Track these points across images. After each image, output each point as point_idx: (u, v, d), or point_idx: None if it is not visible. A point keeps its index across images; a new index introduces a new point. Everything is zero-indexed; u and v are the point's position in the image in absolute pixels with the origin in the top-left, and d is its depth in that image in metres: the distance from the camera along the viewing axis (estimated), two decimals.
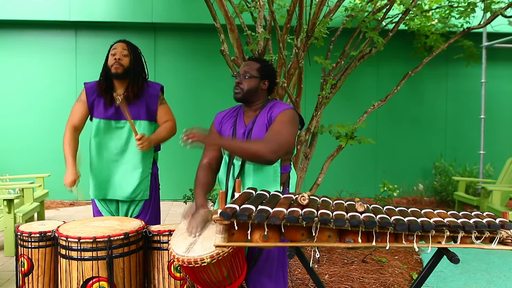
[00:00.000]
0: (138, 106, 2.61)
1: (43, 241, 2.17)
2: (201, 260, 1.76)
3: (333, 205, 1.70)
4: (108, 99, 2.60)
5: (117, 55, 2.56)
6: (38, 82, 6.67)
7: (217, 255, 1.76)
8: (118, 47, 2.60)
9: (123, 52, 2.57)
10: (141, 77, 2.65)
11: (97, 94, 2.62)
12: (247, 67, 2.23)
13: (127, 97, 2.59)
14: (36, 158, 6.57)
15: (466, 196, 5.83)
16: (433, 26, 5.82)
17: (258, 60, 2.28)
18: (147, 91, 2.65)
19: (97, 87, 2.64)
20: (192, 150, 6.11)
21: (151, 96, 2.65)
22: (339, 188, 6.16)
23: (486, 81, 6.71)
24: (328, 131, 3.73)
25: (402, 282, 3.35)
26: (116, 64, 2.54)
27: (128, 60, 2.58)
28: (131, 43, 2.66)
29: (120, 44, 2.61)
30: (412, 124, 7.16)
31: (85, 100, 2.64)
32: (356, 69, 4.24)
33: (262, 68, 2.23)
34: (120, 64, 2.55)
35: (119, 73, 2.55)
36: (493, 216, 1.68)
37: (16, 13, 6.35)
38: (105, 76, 2.61)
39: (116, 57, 2.55)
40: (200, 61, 6.80)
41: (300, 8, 3.23)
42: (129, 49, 2.60)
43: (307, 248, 3.41)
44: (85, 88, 2.66)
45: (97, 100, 2.62)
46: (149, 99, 2.64)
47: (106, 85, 2.60)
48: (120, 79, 2.59)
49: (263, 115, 2.19)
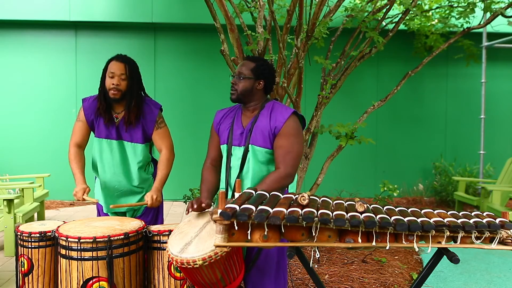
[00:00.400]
0: (135, 130, 2.61)
1: (43, 241, 2.17)
2: (193, 261, 1.76)
3: (333, 205, 1.70)
4: (107, 119, 2.59)
5: (115, 80, 2.50)
6: (38, 82, 6.67)
7: (209, 257, 1.75)
8: (116, 69, 2.52)
9: (121, 76, 2.52)
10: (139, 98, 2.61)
11: (95, 114, 2.60)
12: (242, 68, 2.22)
13: (126, 120, 2.58)
14: (36, 158, 6.57)
15: (466, 196, 5.83)
16: (433, 26, 5.82)
17: (254, 60, 2.25)
18: (144, 115, 2.62)
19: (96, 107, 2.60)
20: (192, 151, 6.15)
21: (148, 121, 2.62)
22: (339, 188, 6.16)
23: (486, 81, 6.71)
24: (328, 131, 3.73)
25: (402, 282, 3.35)
26: (114, 90, 2.50)
27: (125, 84, 2.53)
28: (129, 61, 2.59)
29: (118, 65, 2.53)
30: (412, 124, 7.16)
31: (84, 120, 2.63)
32: (356, 69, 4.24)
33: (256, 68, 2.20)
34: (118, 89, 2.51)
35: (117, 98, 2.53)
36: (493, 216, 1.68)
37: (16, 13, 6.35)
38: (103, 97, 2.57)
39: (114, 82, 2.50)
40: (200, 61, 6.80)
41: (300, 8, 3.23)
42: (126, 72, 2.54)
43: (307, 248, 3.41)
44: (83, 108, 2.63)
45: (96, 120, 2.61)
46: (145, 124, 2.62)
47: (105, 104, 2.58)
48: (118, 102, 2.58)
49: (263, 119, 2.17)
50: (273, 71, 2.28)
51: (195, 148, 6.44)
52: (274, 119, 2.15)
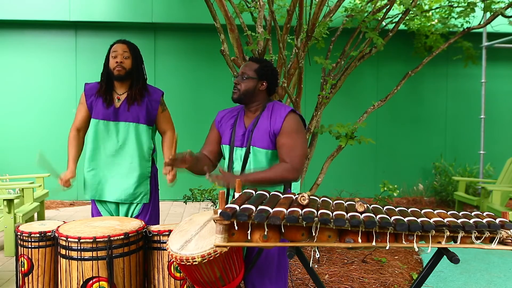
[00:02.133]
0: (138, 109, 2.61)
1: (43, 241, 2.17)
2: (192, 258, 1.76)
3: (333, 205, 1.70)
4: (107, 100, 2.60)
5: (119, 57, 2.55)
6: (38, 82, 6.67)
7: (208, 255, 1.75)
8: (118, 49, 2.58)
9: (124, 54, 2.57)
10: (142, 78, 2.65)
11: (95, 95, 2.62)
12: (246, 68, 2.22)
13: (130, 98, 2.59)
14: (36, 158, 6.56)
15: (466, 196, 5.83)
16: (433, 26, 5.82)
17: (258, 61, 2.25)
18: (149, 95, 2.65)
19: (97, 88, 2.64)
20: (192, 150, 6.06)
21: (152, 101, 2.65)
22: (339, 188, 6.16)
23: (486, 81, 6.71)
24: (328, 131, 3.73)
25: (402, 282, 3.35)
26: (119, 67, 2.54)
27: (130, 62, 2.58)
28: (131, 43, 2.66)
29: (121, 46, 2.60)
30: (412, 124, 7.16)
31: (84, 102, 2.66)
32: (356, 69, 4.24)
33: (260, 68, 2.20)
34: (122, 66, 2.55)
35: (122, 75, 2.55)
36: (493, 216, 1.68)
37: (16, 13, 6.35)
38: (106, 78, 2.61)
39: (118, 60, 2.54)
40: (200, 61, 6.80)
41: (300, 8, 3.23)
42: (130, 51, 2.60)
43: (307, 248, 3.41)
44: (84, 90, 2.68)
45: (95, 100, 2.62)
46: (149, 103, 2.64)
47: (106, 86, 2.61)
48: (122, 81, 2.59)
49: (264, 119, 2.17)
50: (276, 72, 2.27)
51: (195, 147, 6.41)
52: (274, 120, 2.15)
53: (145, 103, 2.62)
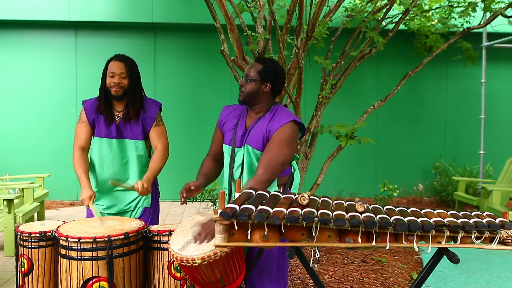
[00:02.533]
0: (135, 127, 2.62)
1: (43, 241, 2.17)
2: (192, 260, 1.76)
3: (333, 205, 1.70)
4: (108, 118, 2.59)
5: (116, 78, 2.53)
6: (38, 82, 6.67)
7: (208, 257, 1.75)
8: (116, 68, 2.54)
9: (122, 74, 2.54)
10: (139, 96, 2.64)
11: (96, 113, 2.61)
12: (250, 70, 2.20)
13: (126, 116, 2.59)
14: (36, 158, 6.57)
15: (466, 196, 5.83)
16: (433, 26, 5.82)
17: (262, 61, 2.22)
18: (145, 110, 2.64)
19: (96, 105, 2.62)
20: (192, 150, 6.13)
21: (147, 118, 2.64)
22: (339, 188, 6.16)
23: (486, 81, 6.71)
24: (328, 131, 3.73)
25: (402, 282, 3.35)
26: (116, 87, 2.53)
27: (127, 82, 2.56)
28: (128, 60, 2.61)
29: (118, 65, 2.56)
30: (412, 124, 7.16)
31: (86, 120, 2.63)
32: (356, 69, 4.24)
33: (263, 70, 2.17)
34: (120, 86, 2.53)
35: (120, 95, 2.55)
36: (493, 216, 1.68)
37: (16, 13, 6.35)
38: (105, 95, 2.59)
39: (115, 80, 2.52)
40: (200, 61, 6.80)
41: (300, 8, 3.22)
42: (127, 70, 2.56)
43: (307, 248, 3.41)
44: (84, 108, 2.64)
45: (97, 118, 2.61)
46: (145, 120, 2.63)
47: (105, 103, 2.59)
48: (120, 100, 2.59)
49: (264, 121, 2.16)
50: (282, 74, 2.22)
51: (195, 148, 6.44)
52: (271, 123, 2.13)
53: (140, 121, 2.62)
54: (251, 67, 2.21)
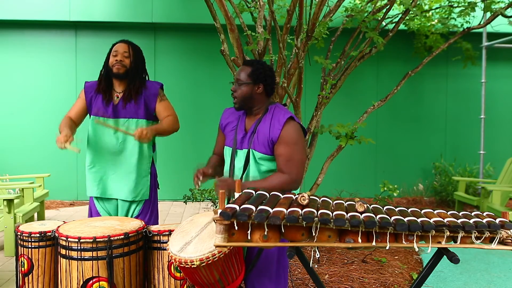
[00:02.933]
0: (137, 105, 2.64)
1: (43, 241, 2.17)
2: (190, 261, 1.76)
3: (333, 205, 1.70)
4: (106, 97, 2.62)
5: (119, 56, 2.59)
6: (38, 82, 6.67)
7: (207, 258, 1.75)
8: (119, 48, 2.62)
9: (124, 54, 2.60)
10: (141, 77, 2.67)
11: (95, 92, 2.65)
12: (240, 74, 2.19)
13: (126, 96, 2.61)
14: (36, 158, 6.57)
15: (466, 196, 5.83)
16: (433, 26, 5.82)
17: (251, 64, 2.20)
18: (146, 90, 2.67)
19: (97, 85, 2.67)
20: (192, 150, 6.12)
21: (149, 95, 2.66)
22: (339, 188, 6.16)
23: (486, 81, 6.71)
24: (328, 131, 3.73)
25: (402, 282, 3.35)
26: (118, 65, 2.58)
27: (129, 61, 2.61)
28: (132, 44, 2.68)
29: (122, 45, 2.63)
30: (412, 124, 7.16)
31: (84, 97, 2.69)
32: (356, 69, 4.24)
33: (253, 72, 2.16)
34: (122, 64, 2.58)
35: (121, 73, 2.59)
36: (493, 216, 1.68)
37: (16, 13, 6.35)
38: (106, 75, 2.63)
39: (118, 58, 2.59)
40: (200, 61, 6.80)
41: (300, 8, 3.22)
42: (130, 51, 2.63)
43: (307, 248, 3.41)
44: (84, 87, 2.72)
45: (94, 97, 2.64)
46: (147, 98, 2.66)
47: (105, 83, 2.63)
48: (121, 79, 2.62)
49: (265, 124, 2.15)
50: (271, 72, 2.22)
51: (195, 147, 6.44)
52: (272, 127, 2.12)
53: (142, 99, 2.64)
54: (240, 71, 2.20)
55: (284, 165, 2.07)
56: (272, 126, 2.13)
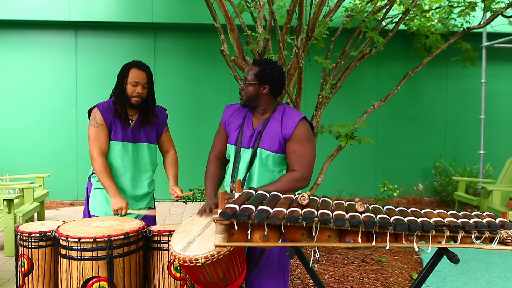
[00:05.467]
0: (150, 131, 2.69)
1: (43, 241, 2.17)
2: (195, 260, 1.76)
3: (333, 205, 1.70)
4: (125, 122, 2.61)
5: (139, 88, 2.55)
6: (38, 82, 6.67)
7: (212, 256, 1.75)
8: (140, 78, 2.55)
9: (144, 85, 2.57)
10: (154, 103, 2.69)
11: (113, 116, 2.60)
12: (248, 73, 2.20)
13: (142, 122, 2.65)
14: (36, 158, 6.57)
15: (466, 196, 5.83)
16: (433, 26, 5.82)
17: (258, 64, 2.20)
18: (158, 117, 2.72)
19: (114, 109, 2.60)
20: (193, 150, 6.16)
21: (160, 123, 2.75)
22: (339, 188, 6.16)
23: (486, 81, 6.71)
24: (328, 131, 3.73)
25: (402, 282, 3.36)
26: (138, 98, 2.57)
27: (146, 92, 2.61)
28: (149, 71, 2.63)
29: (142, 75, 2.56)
30: (412, 124, 7.16)
31: (104, 124, 2.59)
32: (356, 69, 4.24)
33: (259, 73, 2.16)
34: (142, 97, 2.58)
35: (139, 104, 2.60)
36: (493, 216, 1.68)
37: (16, 13, 6.35)
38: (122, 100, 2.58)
39: (138, 90, 2.55)
40: (200, 61, 6.80)
41: (300, 8, 3.23)
42: (148, 80, 2.59)
43: (307, 248, 3.41)
44: (100, 112, 2.59)
45: (114, 122, 2.61)
46: (158, 125, 2.74)
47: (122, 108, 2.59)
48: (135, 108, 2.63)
49: (274, 123, 2.16)
50: (280, 73, 2.20)
51: (195, 148, 6.44)
52: (285, 125, 2.14)
53: (155, 125, 2.71)
54: (248, 70, 2.21)
55: (297, 161, 2.09)
56: (284, 124, 2.14)
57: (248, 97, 2.18)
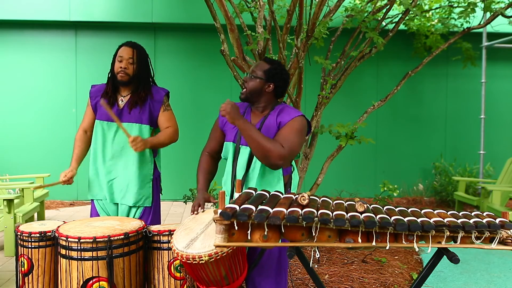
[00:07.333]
0: (141, 111, 2.63)
1: (43, 241, 2.17)
2: (199, 257, 1.76)
3: (333, 205, 1.70)
4: (111, 101, 2.61)
5: (123, 63, 2.57)
6: (38, 82, 6.67)
7: (216, 254, 1.75)
8: (124, 53, 2.58)
9: (129, 60, 2.58)
10: (146, 83, 2.66)
11: (100, 96, 2.64)
12: (257, 67, 2.22)
13: (131, 101, 2.62)
14: (36, 158, 6.57)
15: (466, 196, 5.83)
16: (433, 26, 5.82)
17: (270, 62, 2.23)
18: (151, 96, 2.66)
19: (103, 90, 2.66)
20: (192, 151, 6.15)
21: (154, 102, 2.67)
22: (339, 188, 6.16)
23: (486, 81, 6.71)
24: (328, 131, 3.73)
25: (402, 282, 3.36)
26: (122, 73, 2.57)
27: (133, 68, 2.59)
28: (137, 47, 2.64)
29: (127, 50, 2.59)
30: (412, 124, 7.16)
31: (90, 104, 2.70)
32: (356, 69, 4.24)
33: (269, 70, 2.19)
34: (126, 73, 2.57)
35: (124, 81, 2.59)
36: (493, 216, 1.68)
37: (16, 13, 6.35)
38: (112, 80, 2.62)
39: (122, 65, 2.56)
40: (200, 61, 6.80)
41: (300, 8, 3.23)
42: (134, 56, 2.59)
43: (307, 248, 3.41)
44: (90, 91, 2.72)
45: (99, 102, 2.63)
46: (152, 105, 2.66)
47: (112, 87, 2.62)
48: (125, 86, 2.62)
49: (272, 119, 2.17)
50: (286, 77, 2.24)
51: (195, 148, 6.41)
52: (281, 116, 2.16)
53: (147, 105, 2.64)
54: (258, 65, 2.23)
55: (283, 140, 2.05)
56: (281, 116, 2.16)
57: (251, 90, 2.19)
